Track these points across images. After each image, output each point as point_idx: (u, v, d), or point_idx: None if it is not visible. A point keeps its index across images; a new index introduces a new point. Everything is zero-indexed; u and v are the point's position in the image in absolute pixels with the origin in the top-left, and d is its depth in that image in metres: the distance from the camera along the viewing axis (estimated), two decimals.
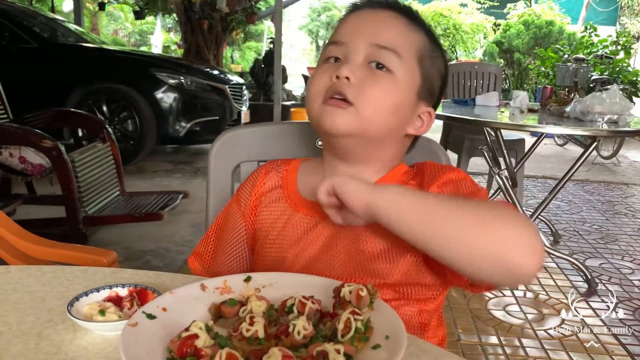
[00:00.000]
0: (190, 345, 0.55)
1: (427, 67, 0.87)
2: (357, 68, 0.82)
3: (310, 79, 0.89)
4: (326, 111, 0.82)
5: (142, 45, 16.30)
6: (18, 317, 0.70)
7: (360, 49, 0.83)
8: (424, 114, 0.89)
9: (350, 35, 0.85)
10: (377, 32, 0.84)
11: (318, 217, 0.87)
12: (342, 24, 0.89)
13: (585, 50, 7.10)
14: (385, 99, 0.83)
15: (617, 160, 6.07)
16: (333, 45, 0.87)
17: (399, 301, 0.83)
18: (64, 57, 5.11)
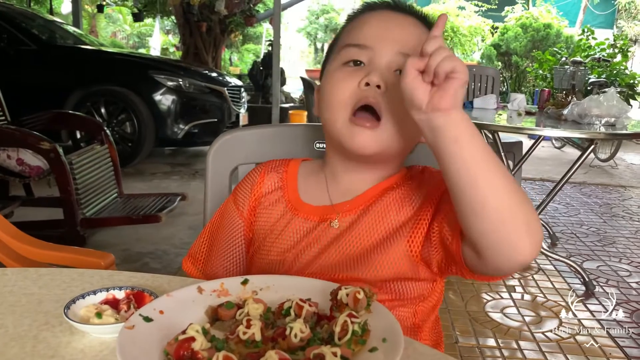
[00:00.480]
0: (187, 348, 0.55)
1: None
2: (387, 76, 0.80)
3: (328, 82, 0.85)
4: (354, 132, 0.80)
5: (140, 48, 16.30)
6: (15, 320, 0.70)
7: (388, 56, 0.81)
8: None
9: (377, 40, 0.83)
10: (404, 39, 0.83)
11: (317, 220, 0.87)
12: (364, 25, 0.86)
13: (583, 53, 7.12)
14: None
15: (614, 162, 6.08)
16: (355, 47, 0.83)
17: (392, 302, 0.83)
18: (63, 59, 5.11)
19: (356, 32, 0.86)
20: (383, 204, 0.85)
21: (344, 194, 0.88)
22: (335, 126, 0.83)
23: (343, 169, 0.88)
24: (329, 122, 0.85)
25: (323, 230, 0.86)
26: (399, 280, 0.82)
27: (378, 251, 0.82)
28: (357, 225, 0.84)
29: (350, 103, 0.81)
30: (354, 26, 0.87)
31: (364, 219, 0.85)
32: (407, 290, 0.83)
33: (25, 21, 5.33)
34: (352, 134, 0.80)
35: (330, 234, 0.85)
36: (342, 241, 0.84)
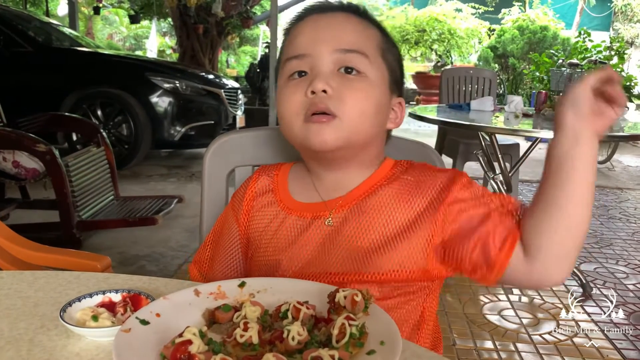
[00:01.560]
0: (184, 351, 0.55)
1: (389, 59, 0.88)
2: (330, 78, 0.81)
3: (279, 99, 0.86)
4: (312, 130, 0.81)
5: (137, 50, 16.28)
6: (10, 323, 0.70)
7: (326, 58, 0.82)
8: (396, 105, 0.90)
9: (311, 45, 0.83)
10: (338, 36, 0.83)
11: (311, 218, 0.87)
12: (297, 35, 0.86)
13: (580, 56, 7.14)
14: (366, 103, 0.83)
15: (611, 165, 6.09)
16: (294, 60, 0.84)
17: (392, 300, 0.83)
18: (59, 61, 5.10)
19: (292, 45, 0.86)
20: (379, 200, 0.85)
21: (333, 191, 0.88)
22: (293, 131, 0.84)
23: (323, 169, 0.89)
24: (287, 132, 0.86)
25: (318, 228, 0.86)
26: (403, 282, 0.82)
27: (382, 251, 0.82)
28: (352, 222, 0.84)
29: (302, 112, 0.82)
30: (289, 40, 0.88)
31: (360, 216, 0.84)
32: (409, 286, 0.83)
33: (22, 23, 5.32)
34: (310, 132, 0.81)
35: (325, 231, 0.85)
36: (339, 239, 0.84)
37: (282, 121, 0.86)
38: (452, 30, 12.52)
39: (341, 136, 0.81)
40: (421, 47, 12.87)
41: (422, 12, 13.00)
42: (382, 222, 0.83)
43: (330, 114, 0.80)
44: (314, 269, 0.84)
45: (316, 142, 0.81)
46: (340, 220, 0.85)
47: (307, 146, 0.83)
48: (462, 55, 12.83)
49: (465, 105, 3.43)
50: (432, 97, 10.68)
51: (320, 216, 0.87)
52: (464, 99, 4.35)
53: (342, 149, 0.83)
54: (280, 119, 0.87)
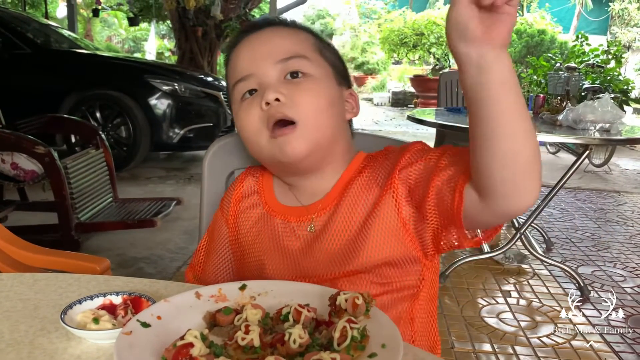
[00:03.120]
0: (186, 354, 0.55)
1: (328, 55, 0.91)
2: (279, 86, 0.83)
3: (238, 122, 0.88)
4: (279, 143, 0.82)
5: (135, 52, 16.28)
6: (10, 326, 0.70)
7: (270, 71, 0.85)
8: (348, 97, 0.93)
9: (253, 64, 0.86)
10: (275, 49, 0.86)
11: (295, 221, 0.88)
12: (237, 59, 0.89)
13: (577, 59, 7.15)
14: (319, 100, 0.84)
15: (608, 168, 6.10)
16: (241, 82, 0.87)
17: (382, 296, 0.83)
18: (58, 63, 5.10)
19: (235, 68, 0.89)
20: (352, 194, 0.87)
21: (312, 196, 0.90)
22: (262, 151, 0.86)
23: (297, 179, 0.91)
24: (256, 151, 0.88)
25: (302, 233, 0.87)
26: (389, 266, 0.83)
27: (360, 240, 0.83)
28: (332, 223, 0.86)
29: (262, 126, 0.84)
30: (231, 65, 0.91)
31: (338, 214, 0.86)
32: (397, 278, 0.84)
33: (21, 25, 5.31)
34: (279, 146, 0.83)
35: (307, 237, 0.87)
36: (322, 242, 0.85)
37: (248, 142, 0.88)
38: None
39: (308, 140, 0.83)
40: (419, 50, 12.89)
41: (420, 16, 13.03)
42: (355, 212, 0.85)
43: (289, 119, 0.82)
44: (298, 272, 0.86)
45: (289, 154, 0.82)
46: (321, 225, 0.87)
47: (278, 160, 0.85)
48: None
49: (463, 108, 3.44)
50: (430, 101, 10.69)
51: (303, 220, 0.88)
52: (462, 102, 4.36)
53: (313, 153, 0.84)
54: (245, 140, 0.88)
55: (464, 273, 2.88)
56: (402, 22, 13.20)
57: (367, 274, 0.83)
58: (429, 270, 0.87)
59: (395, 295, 0.85)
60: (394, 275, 0.84)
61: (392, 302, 0.85)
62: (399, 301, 0.85)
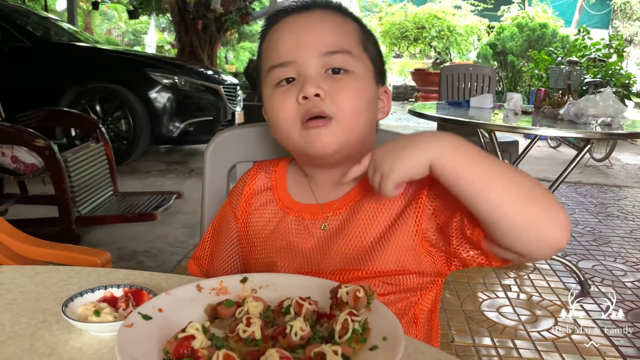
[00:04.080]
0: (187, 346, 0.55)
1: (370, 50, 0.88)
2: (320, 81, 0.80)
3: (270, 108, 0.85)
4: (311, 135, 0.81)
5: (135, 45, 16.24)
6: (12, 318, 0.69)
7: (312, 62, 0.81)
8: (382, 94, 0.90)
9: (295, 51, 0.82)
10: (321, 39, 0.82)
11: (309, 219, 0.87)
12: (278, 41, 0.85)
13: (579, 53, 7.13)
14: (358, 101, 0.82)
15: (609, 162, 6.10)
16: (279, 67, 0.83)
17: (392, 295, 0.83)
18: (57, 56, 5.09)
19: (274, 52, 0.85)
20: (373, 200, 0.85)
21: (329, 194, 0.88)
22: (292, 140, 0.84)
23: (319, 172, 0.89)
24: (285, 140, 0.86)
25: (314, 232, 0.86)
26: (400, 274, 0.82)
27: (379, 248, 0.82)
28: (350, 225, 0.84)
29: (297, 118, 0.81)
30: (269, 46, 0.86)
31: (357, 217, 0.84)
32: (408, 282, 0.83)
33: (20, 18, 5.30)
34: (310, 138, 0.81)
35: (320, 236, 0.86)
36: (336, 242, 0.84)
37: (278, 130, 0.86)
38: (451, 27, 12.50)
39: (340, 138, 0.81)
40: (420, 44, 12.86)
41: (422, 9, 12.98)
42: (375, 220, 0.83)
43: (326, 116, 0.80)
44: (308, 269, 0.85)
45: (317, 147, 0.81)
46: (336, 225, 0.85)
47: (307, 153, 0.83)
48: (461, 53, 12.81)
49: (464, 102, 3.44)
50: (431, 95, 10.67)
51: (317, 219, 0.87)
52: (463, 96, 4.35)
53: (342, 150, 0.83)
54: (275, 126, 0.86)
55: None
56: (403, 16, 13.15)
57: (377, 279, 0.82)
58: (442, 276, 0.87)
59: (401, 295, 0.84)
60: (405, 281, 0.83)
61: (397, 300, 0.84)
62: (404, 300, 0.85)
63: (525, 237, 0.67)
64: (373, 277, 0.82)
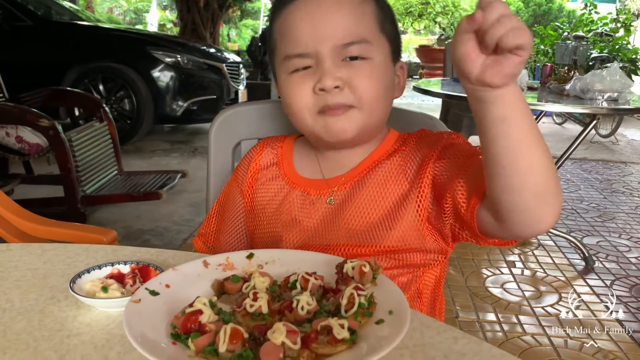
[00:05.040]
0: (195, 321, 0.55)
1: (387, 29, 0.86)
2: (338, 70, 0.80)
3: (286, 93, 0.84)
4: (329, 122, 0.81)
5: (137, 24, 16.12)
6: (20, 294, 0.70)
7: (330, 53, 0.80)
8: (399, 70, 0.89)
9: (312, 43, 0.81)
10: (339, 29, 0.80)
11: (315, 194, 0.87)
12: (292, 28, 0.83)
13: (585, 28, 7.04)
14: (376, 87, 0.82)
15: (615, 138, 6.06)
16: (297, 58, 0.82)
17: (395, 269, 0.83)
18: (59, 36, 5.06)
19: (290, 40, 0.83)
20: (379, 175, 0.85)
21: (336, 169, 0.89)
22: (307, 127, 0.84)
23: (330, 150, 0.89)
24: (300, 124, 0.86)
25: (320, 206, 0.87)
26: (404, 252, 0.82)
27: (384, 225, 0.82)
28: (355, 199, 0.85)
29: (313, 106, 0.81)
30: (284, 31, 0.85)
31: (362, 192, 0.85)
32: (412, 259, 0.84)
33: None
34: (327, 125, 0.81)
35: (326, 210, 0.86)
36: (339, 217, 0.84)
37: (292, 115, 0.86)
38: (456, 2, 12.35)
39: (359, 123, 0.81)
40: (425, 19, 12.72)
41: None
42: (381, 197, 0.84)
43: (346, 105, 0.80)
44: (314, 244, 0.85)
45: (335, 134, 0.81)
46: (341, 199, 0.86)
47: (324, 138, 0.83)
48: None
49: None
50: (436, 71, 10.58)
51: (323, 193, 0.87)
52: None
53: (360, 134, 0.83)
54: (290, 112, 0.86)
55: (469, 244, 2.87)
56: None
57: (382, 255, 0.83)
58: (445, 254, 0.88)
59: (405, 270, 0.85)
60: (409, 257, 0.84)
61: (401, 274, 0.85)
62: (408, 274, 0.85)
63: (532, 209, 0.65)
64: (378, 254, 0.82)
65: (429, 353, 0.57)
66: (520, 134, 0.61)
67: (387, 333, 0.55)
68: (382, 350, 0.51)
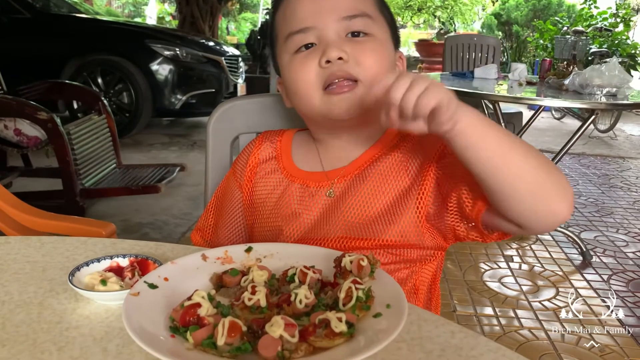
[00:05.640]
0: (193, 314, 0.56)
1: (386, 13, 0.88)
2: (342, 44, 0.80)
3: (290, 75, 0.84)
4: (336, 101, 0.81)
5: (136, 17, 16.06)
6: (19, 287, 0.70)
7: (332, 27, 0.81)
8: (398, 60, 0.90)
9: (314, 17, 0.81)
10: (340, 3, 0.82)
11: (314, 187, 0.87)
12: (297, 6, 0.84)
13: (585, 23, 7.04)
14: (381, 62, 0.83)
15: (613, 133, 6.06)
16: (299, 34, 0.82)
17: (392, 265, 0.84)
18: (58, 28, 5.03)
19: (292, 18, 0.84)
20: (380, 169, 0.85)
21: (336, 161, 0.89)
22: (313, 106, 0.83)
23: (331, 137, 0.90)
24: (305, 105, 0.85)
25: (320, 198, 0.87)
26: (403, 247, 0.83)
27: (384, 220, 0.82)
28: (354, 193, 0.85)
29: (319, 82, 0.81)
30: (286, 13, 0.85)
31: (363, 186, 0.85)
32: (409, 254, 0.84)
33: None
34: (333, 104, 0.81)
35: (326, 202, 0.86)
36: (340, 210, 0.85)
37: (297, 96, 0.85)
38: None
39: (365, 101, 0.80)
40: (424, 14, 12.68)
41: None
42: (382, 191, 0.84)
43: (352, 78, 0.80)
44: (315, 236, 0.85)
45: (343, 111, 0.81)
46: (341, 191, 0.86)
47: (330, 117, 0.83)
48: (466, 23, 12.64)
49: (468, 73, 3.40)
50: (435, 65, 10.55)
51: (323, 186, 0.87)
52: (467, 67, 4.31)
53: (363, 114, 0.82)
54: (295, 94, 0.86)
55: None
56: None
57: (368, 241, 0.83)
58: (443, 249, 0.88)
59: (402, 265, 0.85)
60: (406, 253, 0.84)
61: (398, 269, 0.85)
62: (405, 269, 0.85)
63: (538, 208, 0.67)
64: (376, 248, 0.82)
65: (426, 346, 0.57)
66: (489, 153, 0.66)
67: (385, 326, 0.55)
68: (379, 343, 0.51)
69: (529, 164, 0.66)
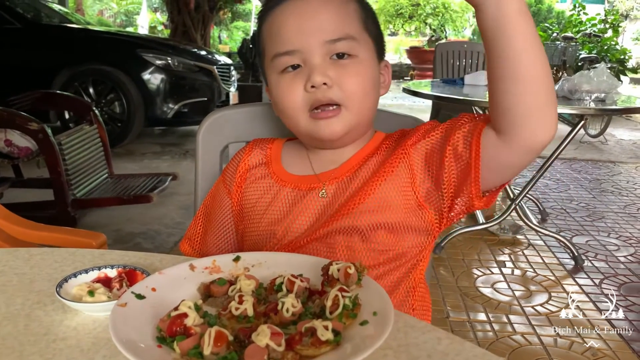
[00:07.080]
0: (180, 324, 0.56)
1: (371, 28, 0.89)
2: (326, 68, 0.82)
3: (277, 94, 0.86)
4: (321, 125, 0.84)
5: (128, 26, 16.06)
6: (7, 299, 0.70)
7: (317, 50, 0.83)
8: (383, 69, 0.92)
9: (299, 39, 0.83)
10: (324, 25, 0.83)
11: (305, 189, 0.88)
12: (282, 27, 0.85)
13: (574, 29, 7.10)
14: (364, 84, 0.85)
15: (604, 138, 6.11)
16: (285, 56, 0.84)
17: (384, 266, 0.84)
18: (49, 38, 5.03)
19: (277, 38, 0.85)
20: (367, 171, 0.87)
21: (327, 164, 0.90)
22: (299, 128, 0.87)
23: (321, 149, 0.92)
24: (292, 126, 0.89)
25: (312, 200, 0.87)
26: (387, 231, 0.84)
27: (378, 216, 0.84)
28: (345, 194, 0.86)
29: (305, 105, 0.84)
30: (272, 31, 0.87)
31: (352, 187, 0.86)
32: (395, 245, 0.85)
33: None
34: (318, 128, 0.84)
35: (319, 203, 0.87)
36: (335, 209, 0.85)
37: (284, 116, 0.88)
38: (446, 4, 12.40)
39: (350, 122, 0.84)
40: (415, 21, 12.77)
41: None
42: (375, 186, 0.85)
43: (335, 104, 0.83)
44: (307, 238, 0.86)
45: (326, 135, 0.84)
46: (333, 192, 0.87)
47: (315, 138, 0.86)
48: (457, 30, 12.73)
49: (459, 80, 3.42)
50: (426, 72, 10.63)
51: (314, 188, 0.88)
52: (458, 74, 4.33)
53: (350, 133, 0.86)
54: (281, 113, 0.89)
55: (459, 244, 2.91)
56: None
57: (361, 236, 0.83)
58: (429, 245, 0.89)
59: (391, 265, 0.85)
60: (390, 242, 0.84)
61: (388, 272, 0.85)
62: (395, 271, 0.86)
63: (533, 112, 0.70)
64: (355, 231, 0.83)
65: (413, 353, 0.58)
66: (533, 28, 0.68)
67: (372, 334, 0.55)
68: (365, 350, 0.52)
69: (546, 68, 0.70)
